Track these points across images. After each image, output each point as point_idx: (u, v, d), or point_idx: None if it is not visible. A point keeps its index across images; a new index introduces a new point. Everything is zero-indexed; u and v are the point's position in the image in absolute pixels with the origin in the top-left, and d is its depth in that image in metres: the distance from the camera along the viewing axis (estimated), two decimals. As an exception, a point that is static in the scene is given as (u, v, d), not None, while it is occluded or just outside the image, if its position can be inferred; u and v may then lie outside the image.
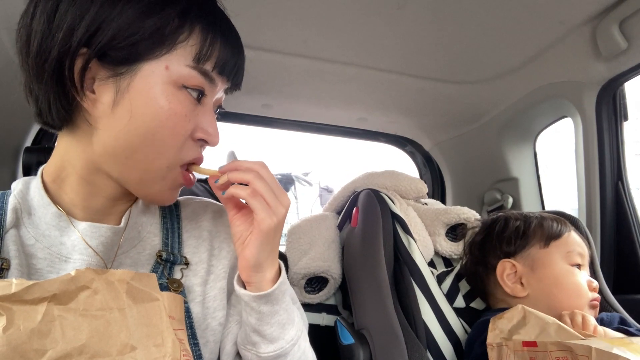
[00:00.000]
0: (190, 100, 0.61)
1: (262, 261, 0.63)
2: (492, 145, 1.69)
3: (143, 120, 0.57)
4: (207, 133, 0.63)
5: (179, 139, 0.60)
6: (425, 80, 1.43)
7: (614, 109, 1.26)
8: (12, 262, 0.59)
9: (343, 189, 1.40)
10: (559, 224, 1.04)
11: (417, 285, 1.05)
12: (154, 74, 0.58)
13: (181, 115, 0.59)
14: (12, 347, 0.36)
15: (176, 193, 0.67)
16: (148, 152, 0.59)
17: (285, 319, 0.67)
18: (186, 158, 0.63)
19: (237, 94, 1.54)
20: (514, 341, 0.80)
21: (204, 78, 0.61)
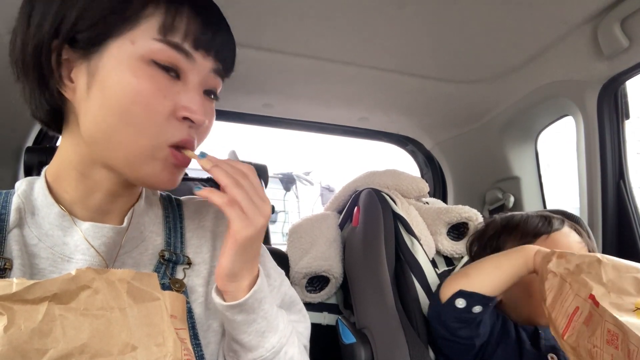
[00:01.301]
0: (163, 75, 0.58)
1: (236, 271, 0.61)
2: (494, 144, 1.69)
3: (115, 99, 0.57)
4: (189, 110, 0.60)
5: (157, 117, 0.58)
6: (426, 80, 1.42)
7: (616, 108, 1.25)
8: (15, 262, 0.59)
9: (344, 188, 1.40)
10: (538, 226, 1.01)
11: (419, 284, 1.05)
12: (121, 50, 0.57)
13: (153, 90, 0.57)
14: (13, 346, 0.36)
15: (174, 175, 0.64)
16: (127, 132, 0.58)
17: (265, 327, 0.65)
18: (173, 138, 0.60)
19: (238, 93, 1.55)
20: (580, 283, 0.74)
21: (175, 52, 0.59)
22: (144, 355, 0.43)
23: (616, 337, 0.64)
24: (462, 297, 0.87)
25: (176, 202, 0.78)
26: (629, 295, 0.70)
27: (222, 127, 2.99)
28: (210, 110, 0.66)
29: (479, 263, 0.93)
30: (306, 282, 1.23)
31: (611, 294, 0.70)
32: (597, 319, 0.68)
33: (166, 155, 0.60)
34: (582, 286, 0.74)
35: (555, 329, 0.76)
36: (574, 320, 0.73)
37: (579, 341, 0.71)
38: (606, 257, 0.76)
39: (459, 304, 0.87)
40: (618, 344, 0.63)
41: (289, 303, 0.81)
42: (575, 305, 0.74)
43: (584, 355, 0.70)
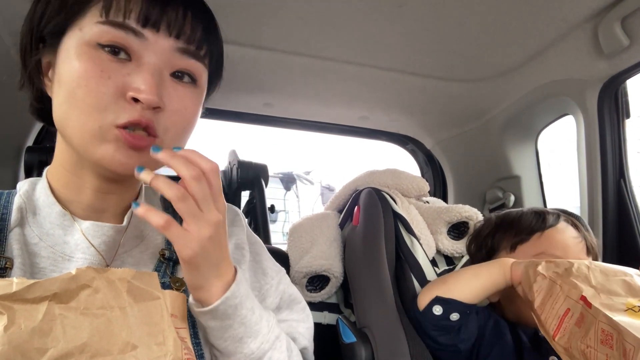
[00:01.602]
0: (108, 57, 0.57)
1: (200, 283, 0.59)
2: (494, 144, 1.69)
3: (66, 86, 0.57)
4: (137, 90, 0.57)
5: (101, 98, 0.56)
6: (426, 79, 1.42)
7: (616, 107, 1.25)
8: (16, 261, 0.59)
9: (344, 187, 1.40)
10: (531, 224, 1.01)
11: (418, 283, 1.05)
12: (71, 39, 0.58)
13: (95, 72, 0.56)
14: (13, 346, 0.36)
15: (131, 158, 0.59)
16: (75, 115, 0.57)
17: (243, 332, 0.63)
18: (120, 119, 0.57)
19: (238, 92, 1.55)
20: (570, 285, 0.75)
21: (120, 31, 0.57)
22: (145, 354, 0.43)
23: (611, 336, 0.64)
24: (439, 303, 0.88)
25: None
26: (619, 295, 0.71)
27: (222, 127, 2.93)
28: (183, 94, 0.62)
29: (458, 272, 0.95)
30: (306, 282, 1.23)
31: (601, 294, 0.72)
32: (590, 320, 0.69)
33: (116, 136, 0.57)
34: (572, 288, 0.75)
35: (546, 330, 0.77)
36: (565, 321, 0.74)
37: (570, 342, 0.72)
38: (594, 263, 0.78)
39: (435, 311, 0.88)
40: (613, 344, 0.64)
41: (288, 301, 0.81)
42: (566, 307, 0.75)
43: (577, 355, 0.70)
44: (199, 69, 0.64)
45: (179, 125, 0.63)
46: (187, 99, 0.63)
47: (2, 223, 0.62)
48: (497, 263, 0.92)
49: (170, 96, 0.61)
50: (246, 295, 0.64)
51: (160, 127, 0.60)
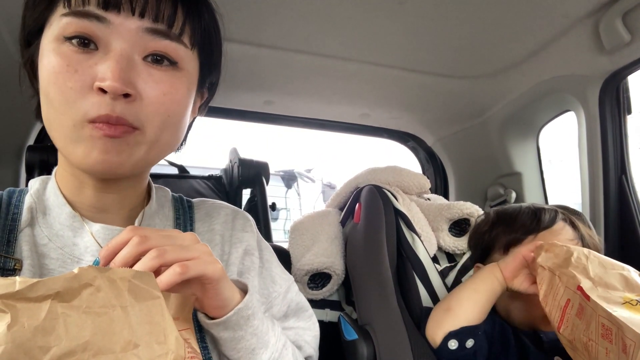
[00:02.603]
0: (74, 49, 0.55)
1: (228, 296, 0.59)
2: (495, 140, 1.68)
3: (42, 85, 0.57)
4: (101, 79, 0.54)
5: (70, 93, 0.54)
6: (427, 76, 1.42)
7: (618, 103, 1.25)
8: (25, 262, 0.59)
9: (345, 184, 1.40)
10: (526, 225, 0.99)
11: (420, 281, 1.05)
12: (45, 37, 0.57)
13: (62, 67, 0.54)
14: (17, 344, 0.36)
15: (109, 154, 0.56)
16: (52, 114, 0.56)
17: (255, 343, 0.62)
18: (90, 113, 0.54)
19: (239, 91, 1.55)
20: (569, 275, 0.75)
21: (83, 19, 0.54)
22: (146, 353, 0.43)
23: (610, 331, 0.64)
24: (453, 337, 0.87)
25: (187, 204, 0.77)
26: (616, 289, 0.71)
27: (223, 125, 2.91)
28: (160, 79, 0.58)
29: (457, 292, 0.93)
30: (308, 279, 1.23)
31: (598, 288, 0.71)
32: (590, 313, 0.69)
33: (90, 132, 0.54)
34: (570, 278, 0.75)
35: (552, 322, 0.77)
36: (567, 312, 0.74)
37: (574, 334, 0.72)
38: (593, 253, 0.78)
39: (451, 346, 0.87)
40: (612, 338, 0.64)
41: (295, 309, 0.80)
42: (567, 298, 0.75)
43: (580, 348, 0.70)
44: (176, 49, 0.59)
45: (161, 114, 0.59)
46: (165, 83, 0.58)
47: (12, 224, 0.62)
48: (487, 271, 0.92)
49: (146, 82, 0.57)
50: (258, 306, 0.63)
51: (138, 119, 0.57)
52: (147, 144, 0.59)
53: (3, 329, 0.36)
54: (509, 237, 1.00)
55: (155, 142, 0.60)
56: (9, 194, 0.66)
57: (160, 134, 0.60)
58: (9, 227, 0.61)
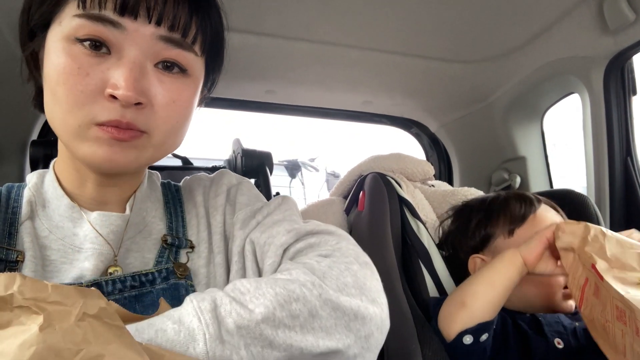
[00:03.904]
0: (87, 52, 0.54)
1: None
2: (499, 125, 1.67)
3: (49, 82, 0.56)
4: (113, 86, 0.54)
5: (80, 96, 0.54)
6: (430, 61, 1.41)
7: (623, 84, 1.24)
8: (27, 254, 0.60)
9: (349, 173, 1.40)
10: (522, 207, 1.00)
11: (425, 267, 1.05)
12: (52, 34, 0.57)
13: (72, 68, 0.54)
14: (48, 345, 0.36)
15: (116, 153, 0.57)
16: (58, 113, 0.56)
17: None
18: (100, 117, 0.55)
19: (241, 80, 1.54)
20: (586, 254, 0.74)
21: (97, 23, 0.54)
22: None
23: (623, 313, 0.64)
24: (468, 333, 0.85)
25: (175, 188, 0.77)
26: (633, 270, 0.70)
27: (225, 115, 2.95)
28: (171, 87, 0.59)
29: (473, 285, 0.90)
30: (314, 268, 1.23)
31: (614, 269, 0.70)
32: (605, 294, 0.68)
33: (97, 134, 0.55)
34: (587, 258, 0.73)
35: (575, 302, 0.76)
36: (585, 291, 0.73)
37: (593, 314, 0.71)
38: (609, 231, 0.76)
39: (466, 341, 0.85)
40: (626, 320, 0.64)
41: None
42: (585, 277, 0.74)
43: (599, 329, 0.70)
44: (187, 58, 0.60)
45: (170, 121, 0.60)
46: (176, 91, 0.59)
47: (13, 216, 0.63)
48: (506, 260, 0.88)
49: (157, 90, 0.58)
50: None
51: (147, 124, 0.57)
52: (153, 147, 0.60)
53: (35, 330, 0.36)
54: (510, 224, 1.00)
55: (162, 145, 0.61)
56: (8, 189, 0.67)
57: (167, 139, 0.61)
58: (10, 220, 0.62)
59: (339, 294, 0.54)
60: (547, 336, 0.88)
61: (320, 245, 0.64)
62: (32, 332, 0.36)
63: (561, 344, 0.87)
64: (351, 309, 0.54)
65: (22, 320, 0.38)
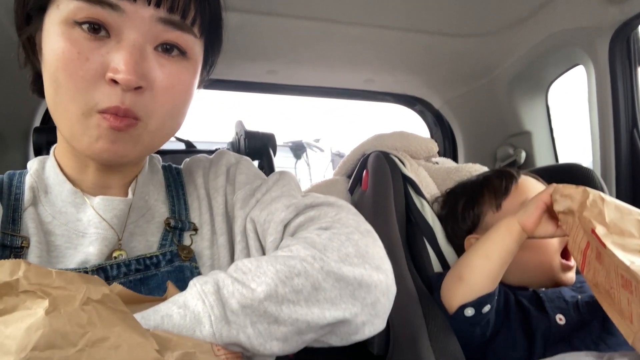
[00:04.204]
0: (86, 36, 0.53)
1: None
2: (503, 99, 1.66)
3: (48, 67, 0.55)
4: (114, 70, 0.53)
5: (81, 82, 0.53)
6: (432, 36, 1.39)
7: (628, 54, 1.22)
8: (32, 239, 0.60)
9: (352, 152, 1.39)
10: (503, 180, 1.01)
11: (429, 245, 1.05)
12: (50, 17, 0.56)
13: (72, 53, 0.53)
14: (54, 328, 0.37)
15: (113, 141, 0.56)
16: (58, 100, 0.55)
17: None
18: (101, 104, 0.54)
19: (241, 61, 1.53)
20: (585, 218, 0.73)
21: (96, 6, 0.53)
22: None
23: (629, 283, 0.64)
24: (469, 306, 0.86)
25: (176, 171, 0.77)
26: (632, 237, 0.69)
27: (228, 97, 2.91)
28: (171, 71, 0.59)
29: (469, 258, 0.90)
30: (319, 247, 1.24)
31: (613, 234, 0.70)
32: (608, 261, 0.68)
33: (98, 122, 0.55)
34: (587, 222, 0.73)
35: (577, 264, 0.76)
36: (587, 255, 0.73)
37: (596, 278, 0.71)
38: (608, 197, 0.75)
39: (468, 313, 0.86)
40: (632, 290, 0.63)
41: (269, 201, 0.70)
42: (587, 240, 0.73)
43: (604, 294, 0.70)
44: (187, 40, 0.59)
45: (168, 104, 0.59)
46: (175, 75, 0.59)
47: (16, 203, 0.63)
48: (503, 229, 0.87)
49: (157, 73, 0.57)
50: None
51: (144, 110, 0.57)
52: (150, 134, 0.60)
53: (41, 314, 0.37)
54: (496, 198, 1.00)
55: (159, 130, 0.61)
56: (9, 176, 0.67)
57: (163, 124, 0.61)
58: (13, 206, 0.62)
59: (341, 264, 0.55)
60: (548, 312, 0.88)
61: (320, 218, 0.65)
62: (39, 316, 0.37)
63: (563, 320, 0.87)
64: (355, 278, 0.55)
65: (28, 305, 0.39)
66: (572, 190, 0.79)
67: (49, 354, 0.36)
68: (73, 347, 0.37)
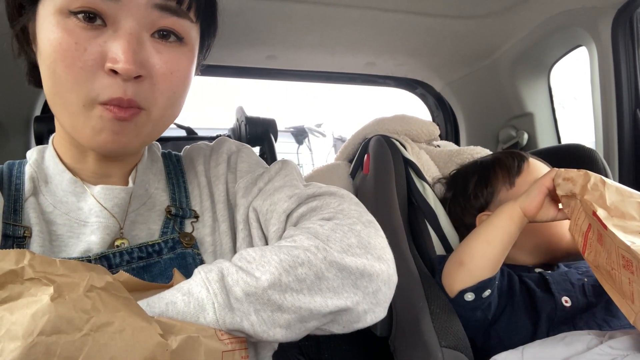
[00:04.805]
0: (82, 26, 0.53)
1: None
2: (505, 81, 1.65)
3: (44, 58, 0.55)
4: (113, 60, 0.53)
5: (79, 73, 0.53)
6: (433, 18, 1.38)
7: (631, 34, 1.20)
8: (34, 229, 0.60)
9: (353, 136, 1.39)
10: (515, 158, 1.02)
11: (431, 228, 1.06)
12: (44, 7, 0.55)
13: (69, 44, 0.52)
14: (60, 314, 0.38)
15: (116, 132, 0.56)
16: (57, 91, 0.55)
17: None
18: (103, 95, 0.54)
19: (240, 46, 1.52)
20: (586, 203, 0.74)
21: None
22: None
23: (630, 263, 0.64)
24: (469, 291, 0.86)
25: (175, 158, 0.78)
26: (633, 219, 0.70)
27: (228, 83, 2.91)
28: (169, 57, 0.58)
29: (470, 243, 0.90)
30: (322, 232, 1.24)
31: (614, 218, 0.70)
32: (609, 242, 0.68)
33: (100, 113, 0.54)
34: (588, 206, 0.73)
35: (578, 247, 0.76)
36: (589, 237, 0.74)
37: (598, 260, 0.71)
38: (608, 180, 0.75)
39: (468, 298, 0.87)
40: (633, 270, 0.64)
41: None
42: (588, 223, 0.74)
43: (605, 275, 0.70)
44: (183, 25, 0.59)
45: (168, 92, 0.59)
46: (174, 61, 0.58)
47: (17, 193, 0.63)
48: (504, 214, 0.88)
49: (154, 60, 0.57)
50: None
51: (146, 99, 0.57)
52: (152, 122, 0.60)
53: (46, 300, 0.38)
54: (509, 176, 1.01)
55: (160, 119, 0.61)
56: (9, 167, 0.67)
57: (165, 111, 0.61)
58: (14, 196, 0.63)
59: (343, 255, 0.56)
60: (554, 294, 0.89)
61: (322, 209, 0.65)
62: (44, 302, 0.38)
63: (569, 302, 0.88)
64: (357, 268, 0.56)
65: (33, 292, 0.39)
66: (574, 174, 0.79)
67: (55, 338, 0.37)
68: (78, 331, 0.38)
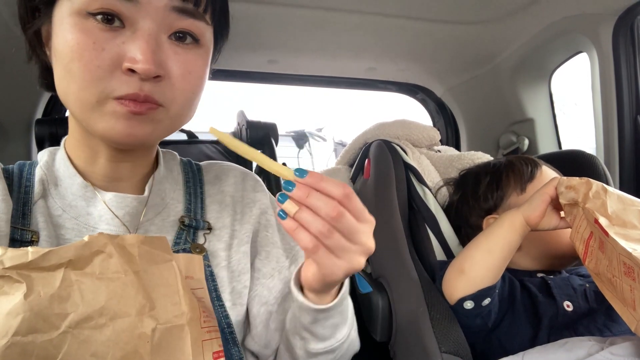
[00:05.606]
0: (101, 27, 0.53)
1: (323, 290, 0.61)
2: (506, 87, 1.65)
3: (61, 58, 0.55)
4: (132, 60, 0.53)
5: (97, 71, 0.53)
6: (434, 23, 1.38)
7: (632, 40, 1.20)
8: (41, 233, 0.60)
9: (354, 141, 1.39)
10: (529, 165, 1.02)
11: (432, 232, 1.06)
12: (62, 10, 0.55)
13: (87, 44, 0.53)
14: (35, 312, 0.37)
15: (134, 128, 0.57)
16: (73, 89, 0.55)
17: (339, 320, 0.65)
18: (117, 91, 0.54)
19: (242, 51, 1.52)
20: (588, 210, 0.74)
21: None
22: (162, 314, 0.44)
23: (632, 270, 0.64)
24: (469, 299, 0.86)
25: (196, 167, 0.77)
26: (635, 228, 0.70)
27: (229, 87, 2.90)
28: (186, 58, 0.59)
29: (471, 251, 0.89)
30: (322, 237, 1.24)
31: (615, 226, 0.70)
32: (611, 249, 0.68)
33: (114, 108, 0.55)
34: (590, 214, 0.73)
35: (579, 255, 0.76)
36: (590, 245, 0.73)
37: (599, 268, 0.71)
38: (610, 188, 0.75)
39: (467, 306, 0.86)
40: (635, 277, 0.64)
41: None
42: (590, 231, 0.74)
43: (606, 283, 0.70)
44: (200, 27, 0.60)
45: (186, 92, 0.60)
46: (190, 62, 0.59)
47: (26, 196, 0.62)
48: (506, 223, 0.87)
49: (172, 61, 0.57)
50: (347, 290, 0.65)
51: (164, 97, 0.57)
52: (169, 119, 0.60)
53: (20, 298, 0.37)
54: (522, 181, 1.01)
55: (178, 117, 0.61)
56: (20, 167, 0.66)
57: (183, 110, 0.61)
58: (23, 199, 0.62)
59: None
60: (556, 299, 0.89)
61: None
62: (17, 301, 0.37)
63: (570, 307, 0.88)
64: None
65: (6, 290, 0.38)
66: (576, 182, 0.79)
67: (32, 338, 0.36)
68: (56, 329, 0.37)
